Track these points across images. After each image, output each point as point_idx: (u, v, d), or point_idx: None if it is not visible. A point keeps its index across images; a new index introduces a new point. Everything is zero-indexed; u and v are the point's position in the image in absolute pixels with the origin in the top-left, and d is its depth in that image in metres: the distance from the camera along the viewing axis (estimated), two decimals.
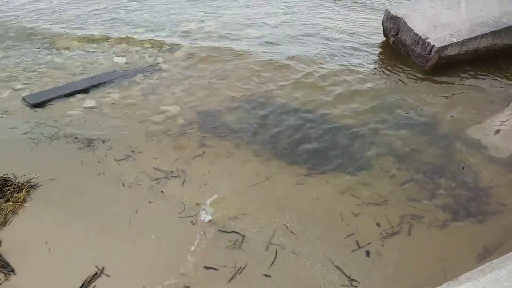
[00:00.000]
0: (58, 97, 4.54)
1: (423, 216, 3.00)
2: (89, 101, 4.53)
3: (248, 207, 3.12)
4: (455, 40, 4.58)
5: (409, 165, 3.49)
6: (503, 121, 3.86)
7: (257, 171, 3.49)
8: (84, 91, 4.68)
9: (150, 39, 5.93)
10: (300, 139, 3.85)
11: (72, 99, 4.57)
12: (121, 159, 3.63)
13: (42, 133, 3.97)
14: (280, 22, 6.41)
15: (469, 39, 4.63)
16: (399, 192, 3.23)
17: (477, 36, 4.64)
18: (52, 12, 7.05)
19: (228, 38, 5.90)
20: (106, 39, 5.96)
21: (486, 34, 4.66)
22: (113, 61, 5.36)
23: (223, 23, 6.40)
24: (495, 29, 4.68)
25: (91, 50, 5.64)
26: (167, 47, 5.68)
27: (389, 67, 5.04)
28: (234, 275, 2.62)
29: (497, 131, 3.79)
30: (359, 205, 3.12)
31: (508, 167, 3.46)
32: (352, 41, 5.68)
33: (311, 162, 3.57)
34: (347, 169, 3.47)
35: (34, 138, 3.89)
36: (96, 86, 4.77)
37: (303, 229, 2.94)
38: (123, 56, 5.47)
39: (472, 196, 3.17)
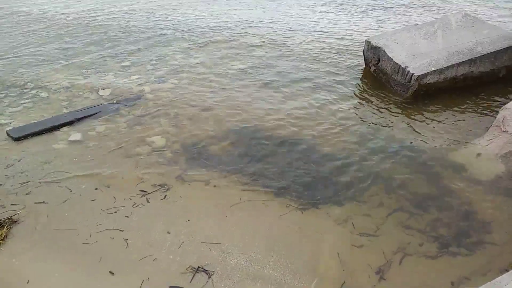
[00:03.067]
0: (42, 131, 4.50)
1: (413, 245, 3.00)
2: (74, 134, 4.49)
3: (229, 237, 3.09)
4: (433, 69, 4.75)
5: (396, 194, 3.51)
6: (484, 145, 3.96)
7: (240, 199, 3.47)
8: (69, 124, 4.66)
9: (137, 71, 6.00)
10: (286, 169, 3.86)
11: (57, 132, 4.53)
12: (107, 193, 3.57)
13: (25, 167, 3.90)
14: (265, 53, 6.56)
15: (447, 67, 4.80)
16: (388, 222, 3.23)
17: (454, 64, 4.82)
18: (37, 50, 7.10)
19: (214, 70, 5.98)
20: (93, 72, 6.00)
21: (463, 62, 4.85)
22: (98, 94, 5.37)
23: (210, 58, 6.50)
24: (471, 57, 4.87)
25: (77, 83, 5.65)
26: (154, 78, 5.74)
27: (371, 96, 5.17)
28: None
29: (479, 155, 3.88)
30: (349, 235, 3.11)
31: (492, 189, 3.52)
32: (334, 71, 5.82)
33: (298, 193, 3.57)
34: (334, 200, 3.47)
35: (19, 172, 3.82)
36: (82, 119, 4.75)
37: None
38: (108, 88, 5.49)
39: (460, 224, 3.19)
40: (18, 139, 4.34)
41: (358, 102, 5.05)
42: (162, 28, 7.93)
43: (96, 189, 3.63)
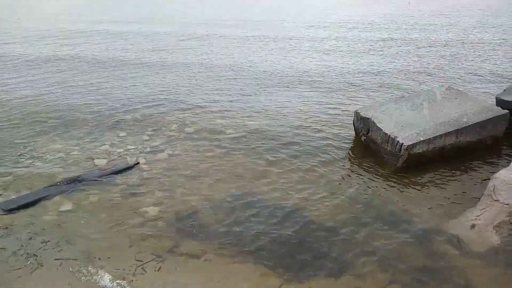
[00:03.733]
0: (34, 202, 4.46)
1: None
2: (66, 204, 4.46)
3: None
4: (422, 139, 4.89)
5: (390, 266, 3.43)
6: (477, 215, 3.95)
7: (235, 274, 3.37)
8: (62, 193, 4.64)
9: (133, 141, 6.11)
10: (278, 241, 3.81)
11: (47, 202, 4.50)
12: (100, 267, 3.47)
13: (13, 241, 3.82)
14: (258, 122, 6.75)
15: (435, 137, 4.95)
16: None
17: (441, 134, 4.98)
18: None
19: (208, 139, 6.12)
20: (89, 142, 6.11)
21: (450, 132, 5.01)
22: (94, 163, 5.43)
23: (204, 127, 6.68)
24: (457, 128, 5.04)
25: (72, 153, 5.72)
26: (149, 149, 5.83)
27: (362, 166, 5.25)
28: None
29: (473, 226, 3.86)
30: None
31: (489, 262, 3.46)
32: (325, 140, 5.96)
33: (289, 264, 3.49)
34: (327, 273, 3.38)
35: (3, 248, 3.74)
36: (74, 188, 4.74)
37: None
38: (104, 158, 5.56)
39: None
40: (9, 211, 4.29)
41: (349, 171, 5.12)
42: (159, 99, 8.23)
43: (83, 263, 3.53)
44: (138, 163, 5.37)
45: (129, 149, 5.86)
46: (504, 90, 6.28)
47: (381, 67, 10.63)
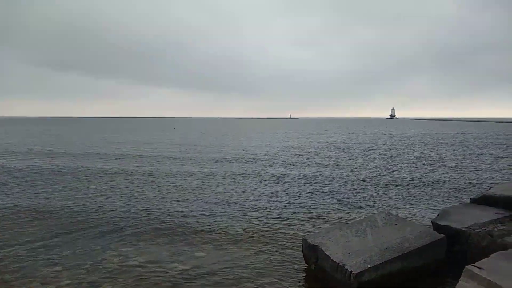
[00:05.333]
0: None
1: None
2: None
3: None
4: (369, 266, 4.90)
5: None
6: None
7: None
8: None
9: (68, 276, 5.53)
10: None
11: None
12: None
13: None
14: (206, 254, 6.48)
15: (381, 264, 4.98)
16: None
17: (387, 260, 5.03)
18: None
19: (152, 274, 5.69)
20: (20, 277, 5.44)
21: (395, 258, 5.09)
22: None
23: (148, 257, 6.29)
24: (401, 253, 5.15)
25: None
26: (86, 284, 5.28)
27: None
28: None
29: None
30: None
31: None
32: (275, 271, 5.78)
33: None
34: None
35: None
36: None
37: None
38: None
39: None
40: None
41: None
42: (100, 224, 7.80)
43: None
44: None
45: (62, 286, 5.26)
46: (438, 215, 6.72)
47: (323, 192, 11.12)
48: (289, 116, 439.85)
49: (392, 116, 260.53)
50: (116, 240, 7.11)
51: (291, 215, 8.87)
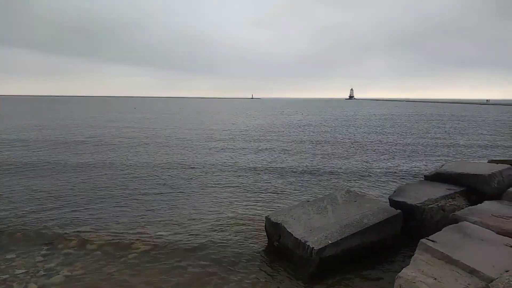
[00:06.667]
0: None
1: None
2: None
3: None
4: (330, 242, 5.02)
5: None
6: None
7: None
8: None
9: (22, 263, 5.26)
10: None
11: None
12: None
13: None
14: (171, 234, 6.40)
15: (342, 239, 5.12)
16: None
17: (347, 236, 5.18)
18: None
19: (113, 256, 5.54)
20: None
21: (354, 233, 5.24)
22: None
23: (106, 241, 6.11)
24: (360, 229, 5.32)
25: None
26: (43, 271, 5.05)
27: (275, 273, 5.11)
28: None
29: None
30: None
31: None
32: (237, 247, 5.81)
33: None
34: None
35: None
36: None
37: None
38: None
39: None
40: None
41: (263, 281, 4.93)
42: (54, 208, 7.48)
43: None
44: None
45: (17, 274, 4.99)
46: (394, 191, 6.98)
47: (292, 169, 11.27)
48: (251, 97, 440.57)
49: (351, 97, 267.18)
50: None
51: (255, 195, 8.93)
